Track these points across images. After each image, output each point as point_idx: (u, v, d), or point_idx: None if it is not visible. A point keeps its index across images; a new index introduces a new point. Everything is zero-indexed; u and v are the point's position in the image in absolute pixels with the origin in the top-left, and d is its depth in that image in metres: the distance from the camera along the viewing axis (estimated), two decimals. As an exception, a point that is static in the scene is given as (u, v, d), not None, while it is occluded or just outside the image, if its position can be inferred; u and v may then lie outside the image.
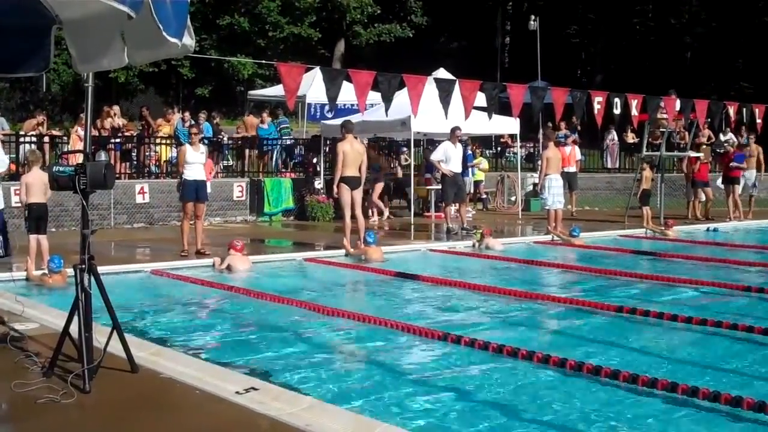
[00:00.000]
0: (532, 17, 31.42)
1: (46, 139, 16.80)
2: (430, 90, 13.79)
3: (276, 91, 21.45)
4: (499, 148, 24.57)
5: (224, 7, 31.37)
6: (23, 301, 7.30)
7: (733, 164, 17.61)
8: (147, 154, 17.97)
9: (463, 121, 14.31)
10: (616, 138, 24.00)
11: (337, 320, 7.53)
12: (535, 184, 19.15)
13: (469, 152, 18.81)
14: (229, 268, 10.23)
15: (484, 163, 21.00)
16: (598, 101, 15.48)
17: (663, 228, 14.81)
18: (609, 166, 24.25)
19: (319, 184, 17.68)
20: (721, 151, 22.93)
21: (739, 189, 17.65)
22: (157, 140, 18.05)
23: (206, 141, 16.91)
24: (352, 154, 11.85)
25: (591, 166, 23.92)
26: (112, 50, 4.87)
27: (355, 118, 14.78)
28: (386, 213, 17.36)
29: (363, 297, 9.56)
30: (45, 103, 29.25)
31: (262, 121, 19.97)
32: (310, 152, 18.98)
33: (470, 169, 18.82)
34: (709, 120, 18.16)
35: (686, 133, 19.76)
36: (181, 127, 18.03)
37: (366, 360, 6.25)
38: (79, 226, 5.20)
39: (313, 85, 17.52)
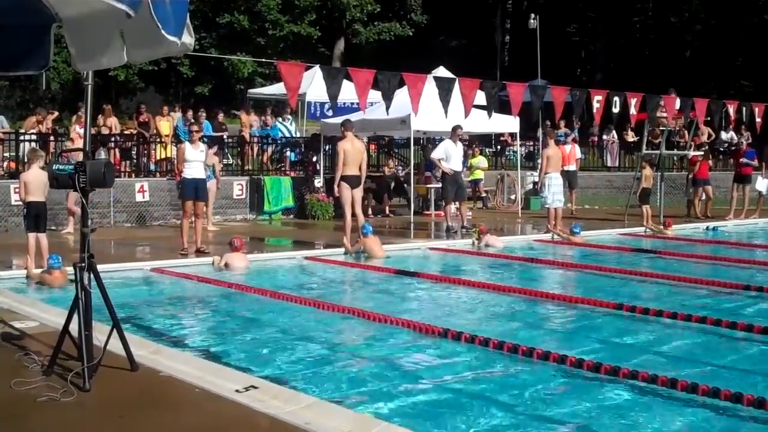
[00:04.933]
0: (532, 16, 31.49)
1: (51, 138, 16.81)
2: (429, 88, 13.78)
3: (276, 89, 21.46)
4: (498, 147, 24.57)
5: (224, 5, 31.39)
6: (23, 299, 7.31)
7: (743, 160, 17.54)
8: (147, 152, 17.94)
9: (463, 119, 14.32)
10: (615, 137, 24.01)
11: (337, 318, 7.53)
12: (535, 183, 19.16)
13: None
14: (227, 265, 10.25)
15: (484, 162, 20.99)
16: (597, 100, 15.48)
17: (662, 227, 14.80)
18: (609, 164, 24.25)
19: (319, 182, 17.67)
20: (722, 149, 22.96)
21: (763, 188, 17.46)
22: (157, 139, 18.02)
23: (206, 139, 16.89)
24: (353, 152, 11.85)
25: (591, 164, 23.92)
26: (111, 49, 4.87)
27: (355, 117, 14.80)
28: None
29: (363, 295, 9.54)
30: (45, 102, 29.27)
31: (266, 123, 19.99)
32: (310, 151, 18.97)
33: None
34: (708, 119, 18.14)
35: (686, 132, 19.75)
36: (182, 125, 18.02)
37: (366, 358, 6.25)
38: (79, 225, 5.20)
39: (313, 84, 17.52)
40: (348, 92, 14.28)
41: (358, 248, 11.46)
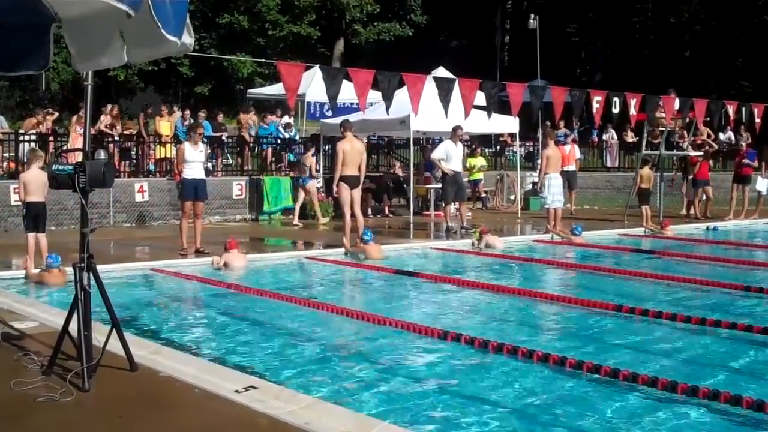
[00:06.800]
0: (532, 16, 31.53)
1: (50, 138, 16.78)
2: (429, 89, 13.78)
3: (275, 89, 21.46)
4: (498, 147, 24.58)
5: (224, 5, 31.37)
6: (22, 299, 7.30)
7: (745, 161, 17.53)
8: (146, 152, 17.93)
9: (463, 119, 14.31)
10: (615, 137, 24.01)
11: (337, 318, 7.53)
12: (534, 183, 19.16)
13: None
14: (226, 265, 10.24)
15: (484, 164, 20.97)
16: (597, 100, 15.48)
17: (660, 228, 14.78)
18: (608, 165, 24.26)
19: (318, 183, 17.66)
20: (724, 149, 22.96)
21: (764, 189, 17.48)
22: (156, 139, 18.01)
23: (206, 140, 16.89)
24: (352, 153, 11.85)
25: (590, 165, 23.92)
26: (111, 49, 4.86)
27: (355, 117, 14.81)
28: None
29: (362, 295, 9.55)
30: (44, 102, 29.27)
31: (264, 121, 19.98)
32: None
33: None
34: (708, 119, 18.15)
35: (685, 132, 19.75)
36: (181, 125, 18.01)
37: (365, 358, 6.24)
38: (79, 225, 5.20)
39: (312, 84, 17.52)
40: (348, 92, 14.28)
41: (357, 251, 11.45)
